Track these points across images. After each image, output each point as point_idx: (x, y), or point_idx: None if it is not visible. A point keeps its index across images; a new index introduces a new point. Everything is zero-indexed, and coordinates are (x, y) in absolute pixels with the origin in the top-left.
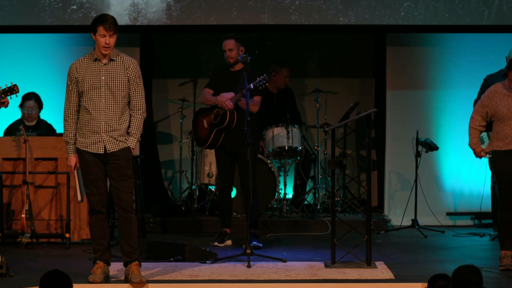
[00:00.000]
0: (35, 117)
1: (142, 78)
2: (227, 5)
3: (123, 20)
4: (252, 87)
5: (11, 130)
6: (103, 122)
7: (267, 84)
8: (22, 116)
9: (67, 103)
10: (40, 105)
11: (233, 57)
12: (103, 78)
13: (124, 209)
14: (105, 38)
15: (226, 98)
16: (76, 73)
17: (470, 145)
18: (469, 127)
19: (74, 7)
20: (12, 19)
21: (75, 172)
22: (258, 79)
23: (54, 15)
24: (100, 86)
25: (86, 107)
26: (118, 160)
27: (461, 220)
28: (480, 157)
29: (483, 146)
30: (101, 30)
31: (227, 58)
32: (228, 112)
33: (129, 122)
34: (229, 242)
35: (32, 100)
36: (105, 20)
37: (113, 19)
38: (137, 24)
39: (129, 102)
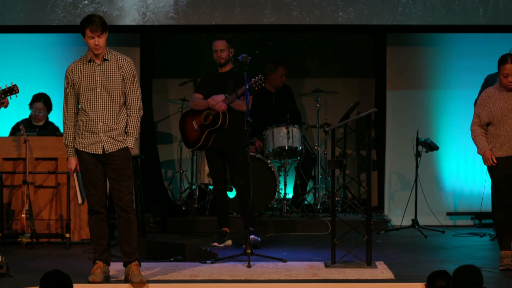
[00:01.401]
0: (42, 119)
1: (137, 76)
2: (231, 1)
3: (131, 14)
4: (247, 86)
5: (17, 128)
6: (100, 122)
7: (263, 84)
8: (30, 116)
9: (65, 106)
10: (48, 107)
11: (224, 58)
12: (98, 78)
13: (123, 209)
14: (93, 40)
15: (217, 101)
16: (72, 75)
17: (479, 152)
18: (473, 137)
19: (86, 1)
20: (26, 15)
21: (75, 175)
22: (253, 79)
23: (66, 10)
24: (96, 87)
25: (83, 108)
26: (117, 160)
27: (461, 220)
28: (490, 164)
29: None
30: (88, 32)
31: (218, 59)
32: (220, 113)
33: (126, 121)
34: (229, 242)
35: (41, 102)
36: (91, 21)
37: (99, 19)
38: (145, 18)
39: (125, 101)
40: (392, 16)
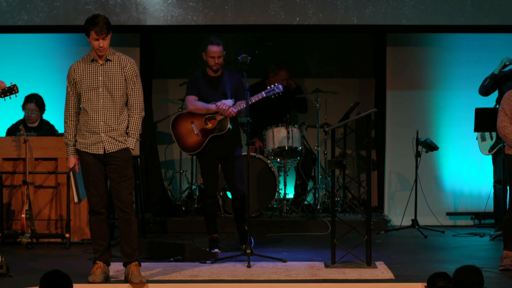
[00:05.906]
0: (35, 119)
1: (139, 77)
2: None
3: (150, 4)
4: (264, 95)
5: (13, 130)
6: (101, 122)
7: (281, 94)
8: (24, 117)
9: (67, 105)
10: (41, 107)
11: (221, 64)
12: (100, 78)
13: (123, 210)
14: (98, 42)
15: (229, 105)
16: (74, 74)
17: None
18: (507, 133)
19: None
20: (60, 6)
21: (71, 173)
22: (269, 88)
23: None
24: (98, 87)
25: (85, 108)
26: (118, 161)
27: (461, 220)
28: None
29: (487, 144)
30: (93, 34)
31: (215, 65)
32: (228, 119)
33: (128, 122)
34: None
35: (33, 103)
36: (96, 23)
37: (104, 21)
38: (164, 5)
39: (127, 102)
40: (386, 2)
